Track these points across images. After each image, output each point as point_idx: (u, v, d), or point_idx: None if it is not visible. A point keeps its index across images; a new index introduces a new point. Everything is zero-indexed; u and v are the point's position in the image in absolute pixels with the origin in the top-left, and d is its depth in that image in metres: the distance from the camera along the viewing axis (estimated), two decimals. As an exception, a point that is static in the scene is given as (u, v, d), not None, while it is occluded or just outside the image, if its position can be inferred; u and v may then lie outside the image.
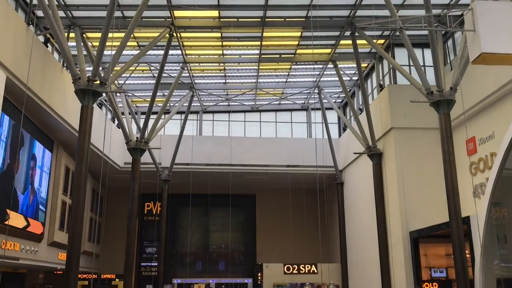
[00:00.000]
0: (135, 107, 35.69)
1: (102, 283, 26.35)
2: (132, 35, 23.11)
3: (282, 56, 28.21)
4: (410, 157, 24.12)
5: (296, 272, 34.19)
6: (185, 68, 28.27)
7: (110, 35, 17.94)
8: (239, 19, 23.83)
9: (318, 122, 36.31)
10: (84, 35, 24.16)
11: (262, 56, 27.58)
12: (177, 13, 23.36)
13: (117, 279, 27.25)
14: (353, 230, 31.33)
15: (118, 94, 29.13)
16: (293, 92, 34.66)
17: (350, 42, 24.52)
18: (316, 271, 33.38)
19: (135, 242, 27.82)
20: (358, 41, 24.32)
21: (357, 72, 27.44)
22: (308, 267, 34.26)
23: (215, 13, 23.61)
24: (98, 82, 18.43)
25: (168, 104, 29.56)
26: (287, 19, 24.11)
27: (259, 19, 23.78)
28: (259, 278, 35.75)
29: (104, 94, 21.80)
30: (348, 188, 32.88)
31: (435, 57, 18.61)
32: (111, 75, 19.45)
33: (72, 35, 23.74)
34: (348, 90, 30.34)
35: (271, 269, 34.39)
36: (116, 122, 31.71)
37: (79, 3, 22.55)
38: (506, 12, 12.06)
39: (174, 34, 24.11)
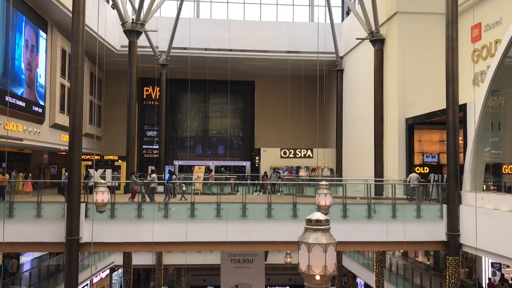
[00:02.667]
0: (130, -14, 34.01)
1: (105, 164, 27.30)
2: None
3: None
4: (413, 43, 23.64)
5: (292, 156, 35.36)
6: None
7: None
8: None
9: (321, 5, 34.88)
10: None
11: None
12: None
13: (119, 160, 28.17)
14: (350, 117, 31.78)
15: (111, -28, 27.58)
16: (296, -29, 32.86)
17: None
18: (311, 156, 34.50)
19: (135, 126, 28.33)
20: None
21: (364, -50, 25.75)
22: (304, 151, 35.37)
23: None
24: (88, -43, 17.32)
25: (164, -16, 28.11)
26: None
27: None
28: (257, 161, 37.07)
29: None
30: (347, 75, 32.68)
31: None
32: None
33: None
34: (353, -30, 28.77)
35: (268, 153, 35.53)
36: (111, 2, 30.42)
37: None
38: None
39: None
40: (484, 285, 19.39)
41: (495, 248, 14.78)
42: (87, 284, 26.27)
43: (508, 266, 20.38)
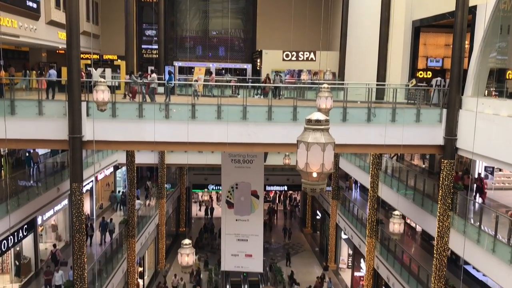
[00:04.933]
0: None
1: (104, 63, 26.92)
2: None
3: None
4: None
5: (295, 59, 34.79)
6: None
7: None
8: None
9: None
10: None
11: None
12: None
13: (119, 60, 27.77)
14: (355, 18, 30.71)
15: None
16: None
17: None
18: (314, 59, 33.95)
19: (134, 24, 27.48)
20: None
21: None
22: (307, 54, 34.74)
23: None
24: None
25: None
26: None
27: None
28: (258, 64, 36.54)
29: None
30: (355, -27, 31.05)
31: None
32: None
33: None
34: None
35: (270, 56, 34.92)
36: None
37: None
38: None
39: None
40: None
41: (491, 152, 15.06)
42: (92, 181, 27.25)
43: (500, 170, 20.96)
